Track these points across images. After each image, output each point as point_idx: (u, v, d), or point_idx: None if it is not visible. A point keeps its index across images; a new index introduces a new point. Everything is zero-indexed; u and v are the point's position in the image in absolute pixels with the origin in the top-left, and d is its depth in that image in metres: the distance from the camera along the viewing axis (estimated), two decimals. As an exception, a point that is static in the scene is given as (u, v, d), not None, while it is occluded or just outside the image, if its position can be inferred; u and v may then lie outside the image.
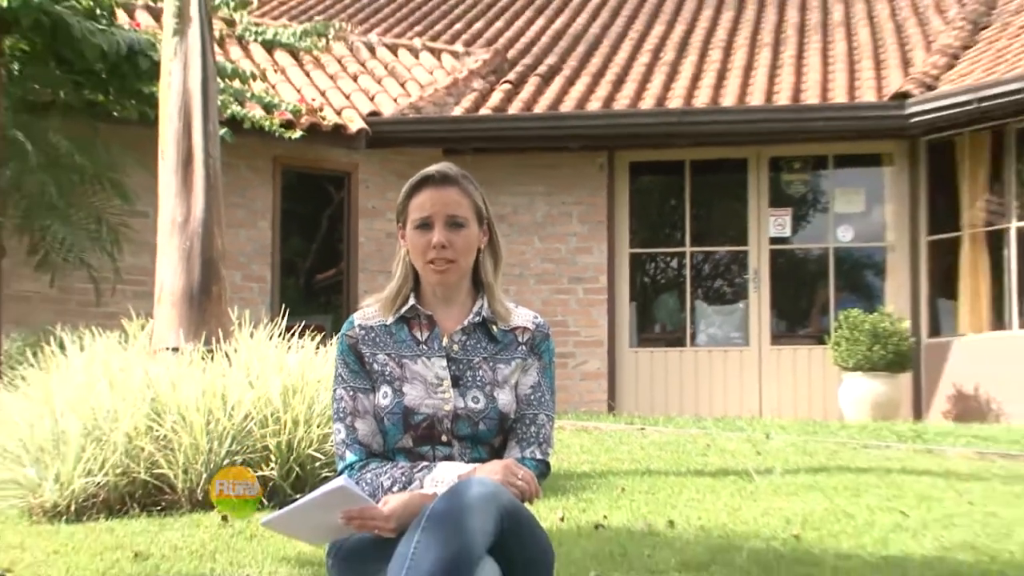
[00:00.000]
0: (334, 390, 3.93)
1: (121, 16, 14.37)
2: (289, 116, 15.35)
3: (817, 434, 12.81)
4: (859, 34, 19.92)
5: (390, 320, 3.92)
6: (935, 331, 17.30)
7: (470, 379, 3.97)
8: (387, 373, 3.87)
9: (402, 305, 3.94)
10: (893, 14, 20.82)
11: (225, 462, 6.86)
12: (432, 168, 3.94)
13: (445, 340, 3.89)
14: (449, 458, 3.98)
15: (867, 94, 17.38)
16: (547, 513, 6.10)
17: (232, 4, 15.59)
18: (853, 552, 5.91)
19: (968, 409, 16.46)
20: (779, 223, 17.79)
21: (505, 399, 3.93)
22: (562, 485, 7.73)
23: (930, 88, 16.94)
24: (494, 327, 3.94)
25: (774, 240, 17.72)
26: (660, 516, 6.69)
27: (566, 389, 16.36)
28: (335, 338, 4.11)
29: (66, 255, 13.32)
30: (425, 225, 3.82)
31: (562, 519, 6.38)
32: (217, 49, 11.97)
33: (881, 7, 21.54)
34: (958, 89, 16.72)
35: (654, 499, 7.45)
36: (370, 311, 4.02)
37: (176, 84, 9.24)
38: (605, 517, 6.56)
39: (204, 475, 6.72)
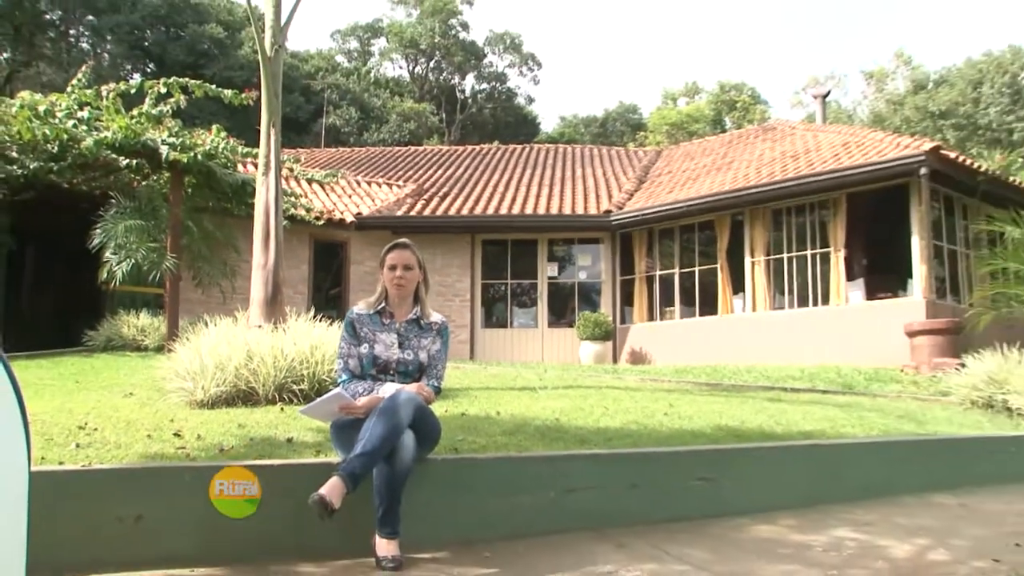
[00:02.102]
0: (340, 343, 4.53)
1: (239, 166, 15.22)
2: (317, 214, 17.05)
3: (568, 370, 13.40)
4: (588, 182, 22.26)
5: (372, 312, 4.52)
6: (623, 321, 19.47)
7: (407, 344, 4.49)
8: (366, 337, 4.47)
9: (379, 305, 4.54)
10: (604, 174, 23.24)
11: (286, 380, 6.92)
12: (398, 240, 4.61)
13: (397, 325, 4.51)
14: (392, 381, 4.43)
15: (592, 209, 19.72)
16: (440, 408, 5.68)
17: (290, 160, 16.77)
18: (583, 427, 6.19)
19: (637, 358, 18.47)
20: (552, 270, 19.90)
21: (423, 356, 4.50)
22: (446, 394, 7.43)
23: (620, 208, 19.51)
24: (422, 320, 4.55)
25: (550, 278, 19.83)
26: (492, 409, 6.87)
27: (451, 348, 16.58)
28: (343, 320, 4.64)
29: (209, 280, 13.90)
30: (393, 267, 4.48)
31: (446, 411, 6.42)
32: (283, 182, 12.62)
33: (599, 169, 23.89)
34: (633, 209, 19.24)
35: (490, 401, 7.53)
36: (362, 306, 4.57)
37: (262, 198, 9.62)
38: (466, 410, 6.74)
39: (272, 388, 6.86)
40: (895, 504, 5.73)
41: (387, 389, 4.26)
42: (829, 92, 28.90)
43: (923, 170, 14.51)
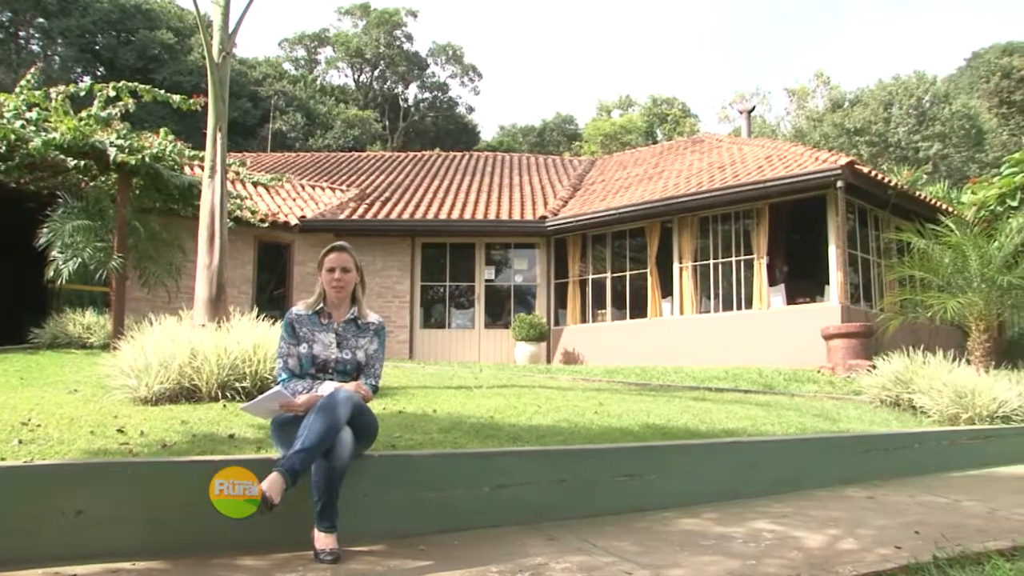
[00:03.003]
0: (279, 343, 4.49)
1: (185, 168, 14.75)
2: (262, 216, 16.93)
3: (503, 370, 13.62)
4: (525, 189, 22.40)
5: (311, 312, 4.50)
6: (557, 323, 19.61)
7: (345, 344, 4.48)
8: (305, 337, 4.45)
9: (318, 306, 4.52)
10: (541, 181, 23.35)
11: (229, 378, 6.91)
12: (335, 243, 4.61)
13: (336, 325, 4.49)
14: (331, 380, 4.40)
15: (528, 215, 19.94)
16: (378, 406, 5.93)
17: (236, 163, 16.56)
18: (517, 424, 6.25)
19: (570, 359, 18.63)
20: (489, 273, 19.92)
21: (361, 355, 4.49)
22: (384, 392, 7.75)
23: (555, 214, 19.71)
24: (359, 321, 4.54)
25: (487, 281, 19.84)
26: (429, 407, 6.92)
27: (389, 348, 18.03)
28: (283, 320, 4.60)
29: (155, 280, 13.57)
30: (332, 270, 4.48)
31: (384, 409, 6.50)
32: (229, 185, 12.78)
33: (536, 177, 23.95)
34: (567, 215, 19.45)
35: (427, 399, 7.58)
36: (301, 307, 4.54)
37: (207, 200, 9.65)
38: (404, 408, 6.79)
39: (215, 386, 6.82)
40: (810, 497, 5.83)
41: (326, 388, 4.24)
42: (754, 108, 29.60)
43: (839, 183, 14.89)
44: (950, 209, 17.79)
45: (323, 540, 3.82)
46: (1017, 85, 51.03)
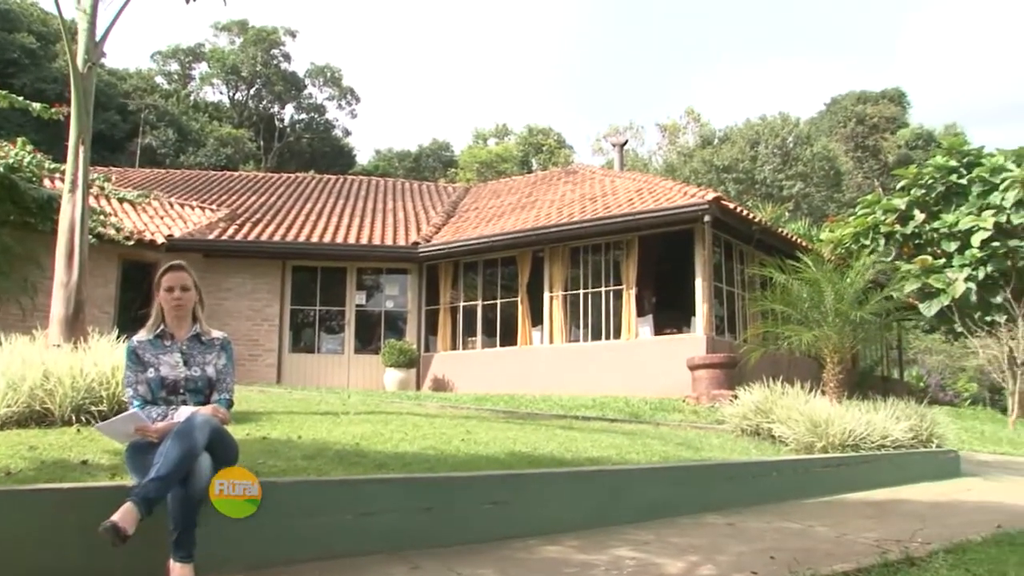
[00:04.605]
0: (125, 373, 4.42)
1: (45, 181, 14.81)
2: (127, 234, 16.47)
3: (372, 396, 13.54)
4: (398, 214, 22.27)
5: (151, 336, 4.42)
6: (427, 349, 19.58)
7: (192, 361, 4.41)
8: (150, 362, 4.36)
9: (157, 328, 4.44)
10: (414, 207, 23.28)
11: (84, 401, 6.62)
12: (173, 262, 4.54)
13: (179, 344, 4.43)
14: (184, 403, 4.32)
15: (401, 241, 19.85)
16: (241, 432, 5.78)
17: (101, 178, 16.22)
18: (383, 451, 6.22)
19: (440, 386, 18.56)
20: (360, 298, 19.71)
21: (211, 371, 4.44)
22: (249, 418, 7.67)
23: (428, 241, 19.70)
24: (203, 337, 4.49)
25: (358, 306, 19.65)
26: (294, 434, 6.83)
27: (256, 372, 17.70)
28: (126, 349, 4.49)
29: (7, 296, 13.53)
30: (170, 289, 4.41)
31: (248, 434, 6.32)
32: (93, 200, 12.30)
33: (410, 203, 23.83)
34: (440, 242, 19.47)
35: (293, 425, 7.47)
36: (141, 334, 4.44)
37: (67, 215, 9.28)
38: (268, 434, 6.68)
39: (69, 409, 6.54)
40: (671, 525, 5.91)
41: (182, 413, 4.15)
42: (627, 141, 30.30)
43: (707, 217, 15.31)
44: (809, 246, 18.39)
45: (179, 571, 3.69)
46: (870, 131, 53.82)
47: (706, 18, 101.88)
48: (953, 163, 21.37)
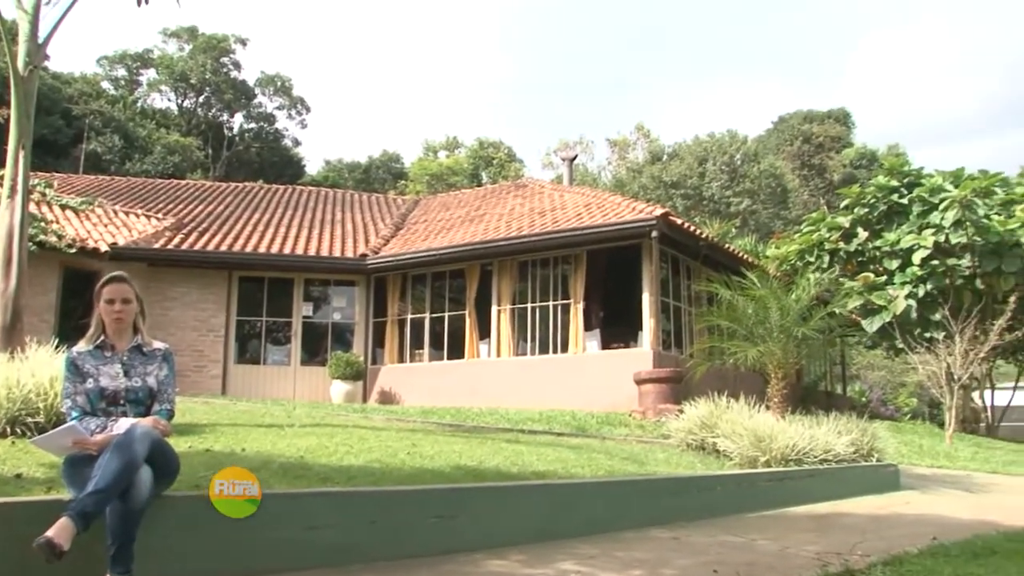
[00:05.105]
0: (64, 384, 4.35)
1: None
2: (69, 242, 16.11)
3: (318, 408, 13.34)
4: (347, 226, 22.12)
5: (91, 347, 4.38)
6: (374, 361, 19.46)
7: (133, 372, 4.37)
8: (89, 372, 4.32)
9: (97, 339, 4.40)
10: (363, 219, 23.23)
11: (20, 412, 6.43)
12: (114, 273, 4.51)
13: (120, 355, 4.38)
14: (125, 415, 4.25)
15: (349, 253, 19.76)
16: (183, 444, 5.97)
17: (42, 184, 16.17)
18: (327, 465, 6.17)
19: (387, 399, 18.48)
20: (307, 309, 19.63)
21: (152, 381, 4.40)
22: (192, 430, 7.57)
23: (377, 253, 19.62)
24: (144, 348, 4.45)
25: (305, 317, 19.56)
26: (238, 446, 6.81)
27: (201, 383, 17.45)
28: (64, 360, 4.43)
29: None
30: (111, 301, 4.37)
31: (190, 447, 6.26)
32: (33, 207, 12.22)
33: (359, 214, 23.75)
34: (388, 254, 19.43)
35: (237, 438, 7.41)
36: (81, 345, 4.41)
37: (5, 221, 9.12)
38: (211, 447, 6.60)
39: (4, 421, 6.37)
40: (616, 539, 5.95)
41: (122, 425, 4.08)
42: (577, 156, 30.46)
43: (654, 233, 15.43)
44: (756, 262, 18.71)
45: (117, 586, 3.68)
46: (816, 150, 54.73)
47: (658, 36, 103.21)
48: (895, 183, 21.84)
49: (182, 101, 52.19)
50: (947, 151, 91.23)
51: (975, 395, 26.76)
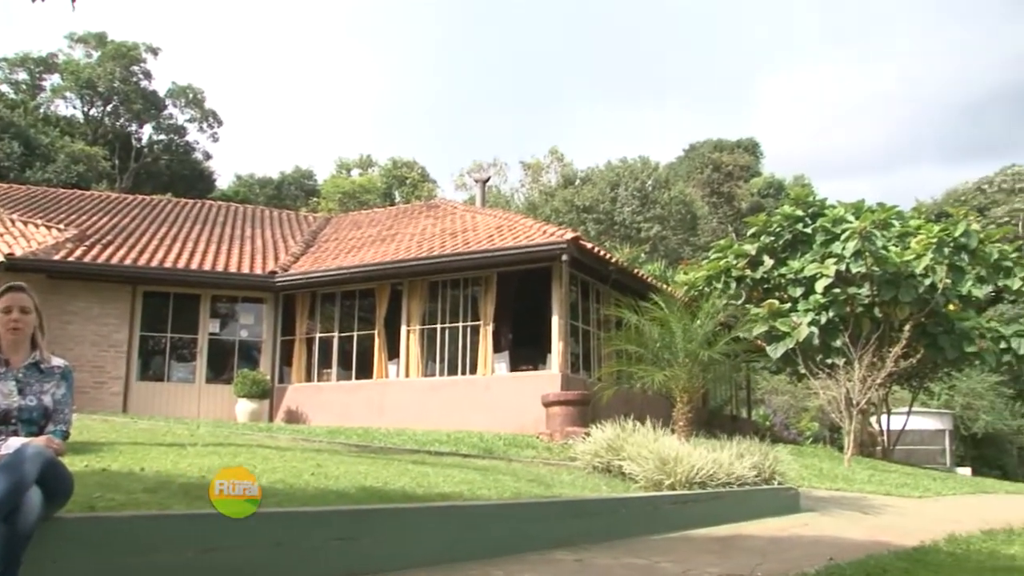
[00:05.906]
0: None
1: None
2: None
3: (222, 427, 13.47)
4: (256, 242, 21.88)
5: None
6: (281, 380, 19.34)
7: (28, 390, 4.21)
8: None
9: None
10: (273, 235, 22.96)
11: None
12: (11, 283, 4.33)
13: (15, 371, 4.21)
14: (16, 434, 4.08)
15: (258, 269, 19.62)
16: (79, 464, 5.85)
17: None
18: None
19: (293, 418, 18.37)
20: (214, 326, 19.30)
21: (48, 400, 4.24)
22: (89, 448, 7.45)
23: (285, 270, 19.54)
24: (42, 365, 4.29)
25: (212, 334, 19.26)
26: (137, 466, 6.64)
27: (101, 400, 17.07)
28: None
29: None
30: (8, 310, 4.19)
31: (86, 466, 6.11)
32: None
33: (268, 231, 23.50)
34: (298, 272, 19.37)
35: (136, 457, 7.27)
36: None
37: None
38: (108, 466, 6.43)
39: None
40: (521, 561, 5.93)
41: (12, 444, 3.92)
42: (490, 178, 30.62)
43: (564, 256, 15.64)
44: (664, 287, 19.02)
45: (-2, 615, 3.55)
46: (725, 178, 56.04)
47: (574, 61, 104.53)
48: (799, 213, 22.33)
49: (88, 109, 50.92)
50: (848, 184, 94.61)
51: (872, 419, 27.31)
